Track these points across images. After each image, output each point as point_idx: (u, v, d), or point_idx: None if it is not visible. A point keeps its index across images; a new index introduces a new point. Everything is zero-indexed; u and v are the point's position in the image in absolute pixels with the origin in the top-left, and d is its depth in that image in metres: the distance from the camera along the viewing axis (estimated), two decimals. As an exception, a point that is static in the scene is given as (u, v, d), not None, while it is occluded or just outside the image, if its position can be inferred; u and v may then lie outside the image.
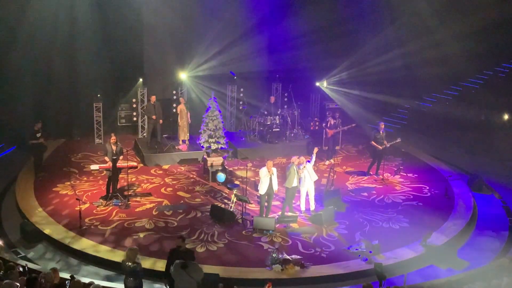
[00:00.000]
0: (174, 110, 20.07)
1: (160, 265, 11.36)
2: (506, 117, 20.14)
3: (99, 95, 19.49)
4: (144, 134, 19.70)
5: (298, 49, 21.21)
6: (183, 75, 20.10)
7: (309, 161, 14.37)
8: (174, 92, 20.70)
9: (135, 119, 20.45)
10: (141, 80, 19.91)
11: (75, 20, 18.79)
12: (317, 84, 21.81)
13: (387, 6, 21.78)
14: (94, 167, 15.12)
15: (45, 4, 18.14)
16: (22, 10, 17.98)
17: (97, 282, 9.61)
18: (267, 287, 9.02)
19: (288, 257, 11.85)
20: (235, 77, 20.73)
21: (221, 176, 16.15)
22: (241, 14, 20.71)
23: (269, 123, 19.36)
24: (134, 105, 20.38)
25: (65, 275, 9.73)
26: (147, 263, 11.45)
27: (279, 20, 21.03)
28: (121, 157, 14.65)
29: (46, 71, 19.09)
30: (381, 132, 16.95)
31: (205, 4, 20.21)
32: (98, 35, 19.13)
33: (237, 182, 16.26)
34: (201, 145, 18.28)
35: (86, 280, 9.98)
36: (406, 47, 21.62)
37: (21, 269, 9.68)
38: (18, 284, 7.91)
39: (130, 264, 9.44)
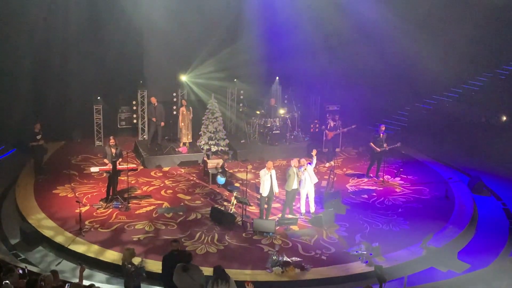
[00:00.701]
0: (175, 113, 20.07)
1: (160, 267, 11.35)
2: (506, 119, 20.13)
3: (99, 97, 19.49)
4: (145, 136, 19.70)
5: (299, 51, 21.20)
6: (183, 77, 20.11)
7: (310, 163, 14.37)
8: (174, 94, 20.69)
9: (135, 121, 20.43)
10: (141, 82, 19.90)
11: (75, 22, 18.80)
12: (317, 86, 21.83)
13: (387, 8, 21.78)
14: (94, 169, 15.09)
15: (44, 6, 18.15)
16: (21, 12, 17.99)
17: (97, 284, 9.58)
18: (246, 285, 8.81)
19: (288, 259, 11.84)
20: (235, 80, 20.77)
21: (221, 178, 16.15)
22: (241, 16, 20.71)
23: (269, 125, 19.37)
24: (134, 107, 20.37)
25: (64, 276, 9.74)
26: (146, 265, 11.43)
27: (279, 22, 21.02)
28: (120, 160, 14.65)
29: (46, 74, 19.10)
30: (381, 134, 16.94)
31: (205, 5, 20.20)
32: (98, 37, 19.15)
33: (237, 184, 16.25)
34: (201, 147, 18.29)
35: (86, 282, 9.96)
36: (406, 49, 21.60)
37: (20, 271, 9.67)
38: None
39: (129, 265, 9.43)
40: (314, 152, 14.89)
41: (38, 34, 18.52)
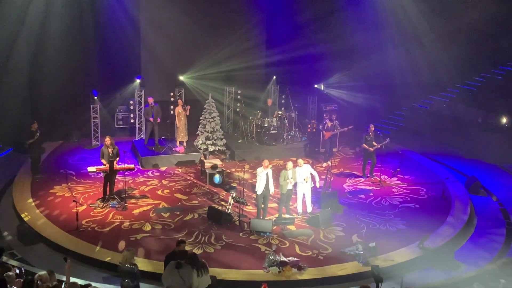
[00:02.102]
0: (172, 112, 20.06)
1: (157, 267, 11.34)
2: (503, 119, 20.17)
3: (96, 97, 19.47)
4: (142, 136, 19.70)
5: (297, 51, 21.20)
6: (181, 77, 20.09)
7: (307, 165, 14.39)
8: (172, 94, 20.68)
9: (132, 121, 20.42)
10: (138, 81, 19.89)
11: (72, 22, 18.81)
12: (315, 86, 21.84)
13: (383, 9, 21.81)
14: (91, 168, 15.08)
15: (42, 6, 18.12)
16: (20, 12, 17.96)
17: (94, 284, 9.57)
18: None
19: (285, 259, 11.85)
20: (233, 80, 20.76)
21: (218, 178, 16.14)
22: (239, 16, 20.72)
23: (266, 125, 19.36)
24: (132, 107, 20.37)
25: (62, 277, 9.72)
26: (143, 265, 11.43)
27: (278, 21, 21.03)
28: (117, 159, 14.62)
29: (43, 73, 19.07)
30: (370, 134, 17.03)
31: (203, 6, 20.20)
32: (96, 37, 19.14)
33: (234, 184, 16.24)
34: (198, 147, 18.27)
35: (83, 282, 9.94)
36: (404, 49, 21.64)
37: (17, 271, 9.66)
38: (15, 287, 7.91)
39: (127, 265, 9.42)
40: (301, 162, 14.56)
41: (36, 35, 18.49)
